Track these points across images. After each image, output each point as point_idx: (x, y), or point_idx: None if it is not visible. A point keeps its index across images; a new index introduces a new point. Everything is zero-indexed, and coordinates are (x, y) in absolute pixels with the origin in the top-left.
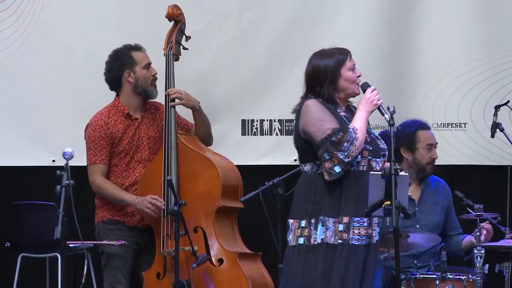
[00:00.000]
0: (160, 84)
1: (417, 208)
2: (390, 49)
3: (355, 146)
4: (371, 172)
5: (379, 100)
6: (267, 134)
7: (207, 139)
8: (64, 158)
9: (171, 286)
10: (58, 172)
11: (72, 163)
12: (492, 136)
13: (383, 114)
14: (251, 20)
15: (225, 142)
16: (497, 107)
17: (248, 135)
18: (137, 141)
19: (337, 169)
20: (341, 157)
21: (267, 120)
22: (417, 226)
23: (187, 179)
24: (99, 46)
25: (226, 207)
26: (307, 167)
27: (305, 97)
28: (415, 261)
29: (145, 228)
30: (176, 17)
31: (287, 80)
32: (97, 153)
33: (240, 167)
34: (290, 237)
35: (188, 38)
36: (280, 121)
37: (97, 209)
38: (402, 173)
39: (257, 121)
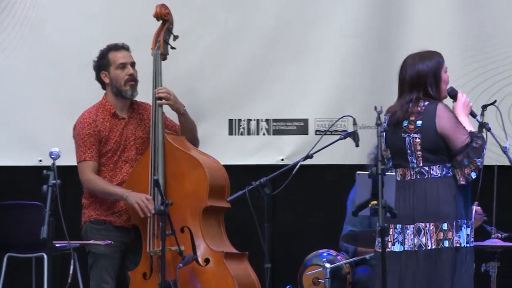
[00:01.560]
0: (148, 83)
1: None
2: (377, 51)
3: (485, 151)
4: (358, 172)
5: (471, 102)
6: (254, 134)
7: (193, 142)
8: (51, 158)
9: (158, 286)
10: (45, 172)
11: (59, 162)
12: None
13: (474, 117)
14: (239, 20)
15: (212, 142)
16: (484, 107)
17: (235, 134)
18: (124, 141)
19: (474, 174)
20: (478, 163)
21: (254, 120)
22: None
23: (174, 178)
24: (87, 45)
25: (213, 207)
26: (435, 170)
27: (417, 100)
28: None
29: (131, 228)
30: (164, 17)
31: (274, 80)
32: (86, 150)
33: (227, 167)
34: (424, 240)
35: (176, 37)
36: (267, 121)
37: (84, 209)
38: (388, 173)
39: (244, 120)
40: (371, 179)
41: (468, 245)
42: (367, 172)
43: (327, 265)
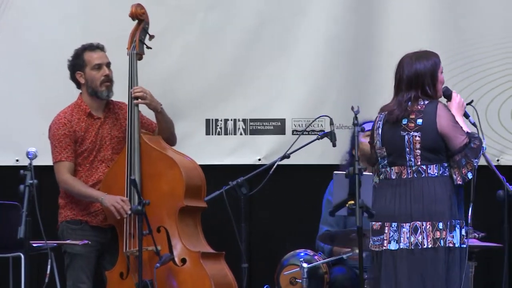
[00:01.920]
0: (124, 83)
1: None
2: (354, 51)
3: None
4: (335, 172)
5: (465, 103)
6: (231, 134)
7: (171, 140)
8: (28, 157)
9: (134, 286)
10: (21, 171)
11: (36, 162)
12: None
13: (467, 117)
14: (216, 20)
15: (189, 142)
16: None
17: (212, 134)
18: (100, 141)
19: (470, 175)
20: (475, 163)
21: (231, 120)
22: None
23: (150, 179)
24: (64, 45)
25: (189, 207)
26: (432, 169)
27: (416, 99)
28: None
29: (108, 228)
30: (139, 16)
31: (251, 80)
32: (62, 150)
33: (204, 167)
34: (421, 238)
35: (151, 37)
36: (244, 120)
37: (60, 209)
38: (366, 172)
39: (221, 120)
40: (348, 179)
41: (463, 246)
42: (344, 172)
43: (305, 265)
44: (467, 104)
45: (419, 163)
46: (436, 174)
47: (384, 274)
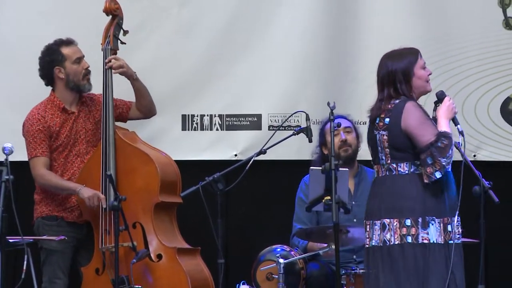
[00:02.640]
0: (98, 78)
1: (353, 202)
2: (331, 46)
3: (453, 152)
4: (311, 168)
5: (456, 108)
6: (208, 130)
7: (151, 107)
8: (4, 153)
9: (110, 282)
10: None
11: (12, 158)
12: None
13: (456, 124)
14: (191, 15)
15: (165, 137)
16: (437, 103)
17: (188, 130)
18: (74, 135)
19: (438, 174)
20: (444, 163)
21: (208, 115)
22: (354, 220)
23: (125, 174)
24: (38, 41)
25: (164, 203)
26: (401, 167)
27: (388, 98)
28: (354, 256)
29: (83, 224)
30: (113, 12)
31: (227, 75)
32: (37, 146)
33: (180, 162)
34: (388, 236)
35: (126, 32)
36: (220, 116)
37: (36, 205)
38: (342, 168)
39: (197, 116)
40: (324, 175)
41: (450, 242)
42: (320, 168)
43: (281, 260)
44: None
45: (389, 161)
46: (406, 171)
47: (367, 271)
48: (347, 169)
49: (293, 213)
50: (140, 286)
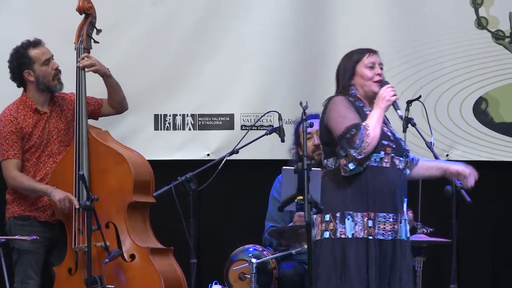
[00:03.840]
0: (72, 78)
1: None
2: (303, 46)
3: (367, 143)
4: (284, 167)
5: (392, 96)
6: (180, 129)
7: (123, 102)
8: None
9: (83, 282)
10: None
11: None
12: (404, 131)
13: (396, 110)
14: (164, 14)
15: (138, 137)
16: (409, 102)
17: (161, 130)
18: (47, 135)
19: (351, 166)
20: (353, 154)
21: (180, 115)
22: None
23: (99, 174)
24: (10, 39)
25: (138, 202)
26: (330, 162)
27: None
28: None
29: (56, 224)
30: (86, 10)
31: (200, 75)
32: (9, 148)
33: (153, 162)
34: (314, 232)
35: (99, 31)
36: (193, 115)
37: (7, 205)
38: (314, 168)
39: (170, 116)
40: (297, 174)
41: (369, 238)
42: (293, 168)
43: (253, 260)
44: (415, 100)
45: (323, 157)
46: (333, 167)
47: None
48: (319, 169)
49: (266, 212)
50: (113, 286)
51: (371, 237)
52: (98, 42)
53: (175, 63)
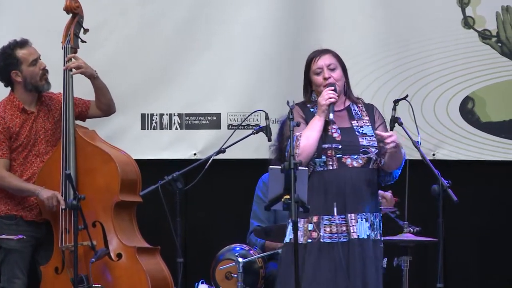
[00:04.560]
0: (59, 77)
1: None
2: (290, 45)
3: (296, 153)
4: (270, 167)
5: (326, 100)
6: (167, 128)
7: (111, 105)
8: None
9: (70, 281)
10: None
11: None
12: (391, 130)
13: (328, 113)
14: (152, 14)
15: (125, 136)
16: (396, 101)
17: (147, 129)
18: (34, 135)
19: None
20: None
21: (167, 114)
22: None
23: (86, 173)
24: None
25: (124, 202)
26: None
27: None
28: None
29: (43, 223)
30: (74, 10)
31: (187, 74)
32: None
33: (139, 161)
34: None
35: (86, 31)
36: (179, 115)
37: None
38: (301, 167)
39: (156, 115)
40: (284, 174)
41: (308, 241)
42: (280, 167)
43: (240, 259)
44: (401, 99)
45: None
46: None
47: None
48: (306, 168)
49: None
50: (99, 285)
51: (310, 241)
52: (85, 42)
53: (162, 62)
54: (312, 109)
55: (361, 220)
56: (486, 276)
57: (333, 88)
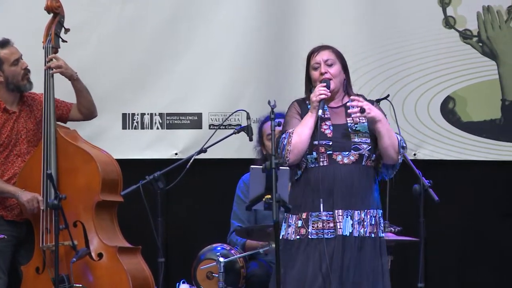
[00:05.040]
0: (40, 77)
1: None
2: (271, 45)
3: (288, 150)
4: (252, 166)
5: (317, 96)
6: (148, 128)
7: (92, 108)
8: None
9: (50, 281)
10: None
11: None
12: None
13: (318, 109)
14: (133, 13)
15: (106, 136)
16: (377, 101)
17: (129, 129)
18: (15, 135)
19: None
20: (281, 155)
21: (148, 114)
22: None
23: (67, 173)
24: None
25: (106, 201)
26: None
27: None
28: None
29: (23, 222)
30: (55, 10)
31: (168, 74)
32: None
33: (121, 161)
34: None
35: (67, 30)
36: (161, 114)
37: None
38: (282, 167)
39: (138, 114)
40: (265, 173)
41: (297, 237)
42: (261, 166)
43: (221, 259)
44: (383, 99)
45: None
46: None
47: None
48: (287, 168)
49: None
50: (80, 285)
51: (298, 237)
52: (66, 41)
53: (143, 62)
54: (309, 106)
55: (347, 217)
56: (467, 276)
57: (325, 84)
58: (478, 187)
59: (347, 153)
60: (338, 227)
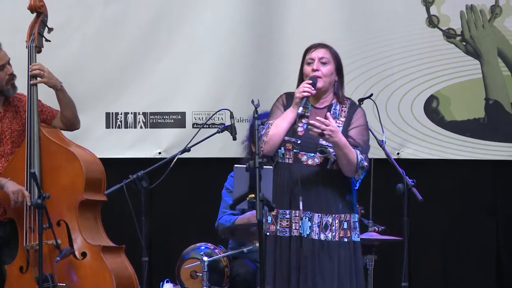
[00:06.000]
0: (23, 76)
1: None
2: (255, 44)
3: (263, 141)
4: (236, 165)
5: (300, 93)
6: (132, 127)
7: (74, 121)
8: None
9: (34, 280)
10: None
11: None
12: None
13: (299, 106)
14: (116, 13)
15: (89, 135)
16: (361, 100)
17: (112, 128)
18: (0, 135)
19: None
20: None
21: (131, 113)
22: None
23: (50, 172)
24: None
25: (89, 200)
26: None
27: None
28: None
29: (7, 222)
30: (38, 9)
31: (152, 73)
32: None
33: (104, 160)
34: None
35: (50, 30)
36: (144, 114)
37: None
38: (266, 166)
39: (121, 114)
40: (249, 173)
41: (267, 234)
42: (245, 166)
43: (205, 258)
44: (366, 98)
45: None
46: None
47: None
48: (271, 167)
49: (217, 210)
50: (64, 284)
51: (268, 234)
52: (49, 41)
53: (127, 61)
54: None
55: (305, 218)
56: (450, 275)
57: (311, 82)
58: (461, 186)
59: (312, 154)
60: (294, 227)
